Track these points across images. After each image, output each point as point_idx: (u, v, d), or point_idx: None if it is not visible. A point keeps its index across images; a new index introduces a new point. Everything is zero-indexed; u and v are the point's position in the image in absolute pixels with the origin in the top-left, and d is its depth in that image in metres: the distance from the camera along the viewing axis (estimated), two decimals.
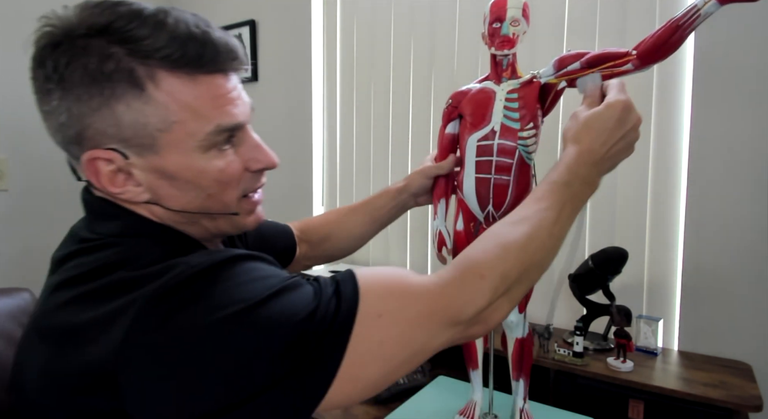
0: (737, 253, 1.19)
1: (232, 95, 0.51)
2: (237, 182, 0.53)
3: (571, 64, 0.74)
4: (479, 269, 0.52)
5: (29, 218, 1.91)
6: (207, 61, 0.48)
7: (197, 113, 0.48)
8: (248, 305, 0.43)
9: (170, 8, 0.48)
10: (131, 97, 0.45)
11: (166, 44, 0.45)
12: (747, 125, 1.17)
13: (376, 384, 0.47)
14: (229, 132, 0.51)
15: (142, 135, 0.47)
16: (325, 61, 1.95)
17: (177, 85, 0.47)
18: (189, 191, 0.51)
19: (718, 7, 0.60)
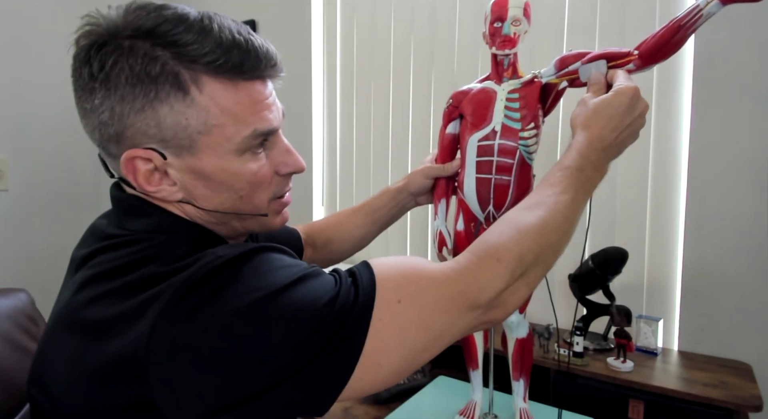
0: (737, 253, 1.19)
1: (269, 101, 0.53)
2: (268, 185, 0.55)
3: (573, 64, 0.74)
4: (496, 253, 0.53)
5: (29, 218, 1.90)
6: (249, 68, 0.49)
7: (236, 118, 0.49)
8: (272, 290, 0.44)
9: (214, 14, 0.49)
10: (174, 99, 0.47)
11: (211, 50, 0.47)
12: (747, 124, 1.17)
13: (399, 369, 0.47)
14: (264, 136, 0.53)
15: (182, 137, 0.48)
16: (325, 61, 1.95)
17: (219, 90, 0.48)
18: (222, 192, 0.52)
19: (720, 8, 0.60)
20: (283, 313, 0.43)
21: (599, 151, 0.63)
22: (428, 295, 0.49)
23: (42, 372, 0.50)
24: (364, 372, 0.45)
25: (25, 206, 1.89)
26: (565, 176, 0.62)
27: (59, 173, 2.00)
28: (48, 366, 0.50)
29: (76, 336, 0.46)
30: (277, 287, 0.44)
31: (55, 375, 0.48)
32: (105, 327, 0.44)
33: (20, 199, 1.88)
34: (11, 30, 1.84)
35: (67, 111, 2.20)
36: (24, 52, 1.88)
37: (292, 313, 0.44)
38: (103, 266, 0.48)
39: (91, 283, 0.48)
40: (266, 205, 0.56)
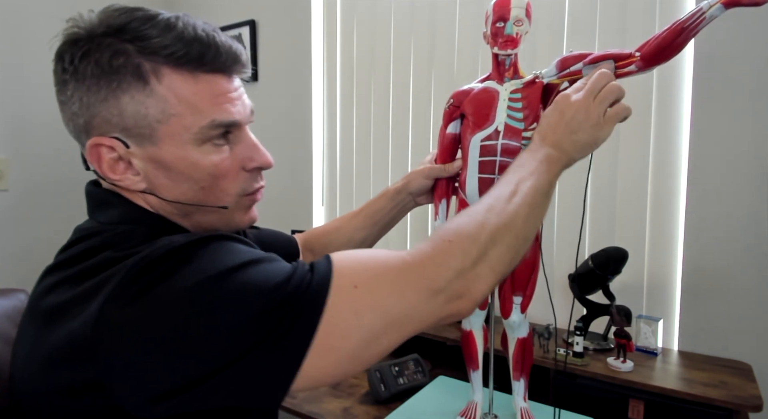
0: (737, 253, 1.19)
1: (232, 95, 0.54)
2: (233, 179, 0.55)
3: (574, 65, 0.74)
4: (448, 235, 0.54)
5: (29, 218, 1.90)
6: (208, 61, 0.51)
7: (195, 108, 0.51)
8: (220, 271, 0.44)
9: (183, 15, 0.52)
10: (135, 89, 0.50)
11: (171, 43, 0.50)
12: (747, 124, 1.17)
13: (355, 356, 0.46)
14: (224, 128, 0.53)
15: (142, 125, 0.51)
16: (325, 61, 1.95)
17: (178, 81, 0.50)
18: (183, 183, 0.53)
19: (723, 11, 0.61)
20: (230, 294, 0.43)
21: (552, 138, 0.66)
22: (384, 279, 0.49)
23: (13, 370, 0.52)
24: (317, 357, 0.44)
25: (25, 206, 1.89)
26: (518, 161, 0.65)
27: (59, 173, 1.99)
28: (16, 360, 0.51)
29: (36, 325, 0.48)
30: (226, 268, 0.44)
31: (20, 367, 0.49)
32: (60, 311, 0.45)
33: (20, 199, 1.88)
34: (11, 30, 1.84)
35: None
36: (24, 52, 1.88)
37: (240, 294, 0.43)
38: (63, 256, 0.51)
39: (51, 273, 0.50)
40: (233, 199, 0.56)
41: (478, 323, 0.90)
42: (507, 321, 0.86)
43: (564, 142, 0.66)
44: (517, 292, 0.84)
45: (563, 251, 1.43)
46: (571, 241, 1.40)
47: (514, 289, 0.84)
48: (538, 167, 0.63)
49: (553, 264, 1.43)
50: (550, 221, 1.43)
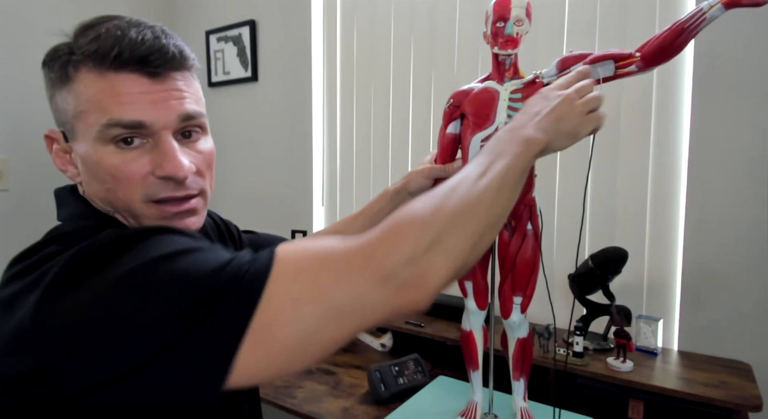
0: (737, 253, 1.19)
1: (143, 95, 0.52)
2: (138, 184, 0.53)
3: (574, 65, 0.74)
4: (399, 220, 0.49)
5: (29, 218, 1.90)
6: (113, 58, 0.51)
7: (98, 106, 0.51)
8: (152, 258, 0.43)
9: (129, 20, 0.54)
10: (62, 86, 0.53)
11: (88, 42, 0.51)
12: (747, 125, 1.17)
13: (294, 349, 0.43)
14: (124, 128, 0.51)
15: (65, 120, 0.54)
16: (325, 61, 1.95)
17: (89, 79, 0.52)
18: (93, 181, 0.54)
19: (723, 11, 0.61)
20: (160, 281, 0.42)
21: (535, 119, 0.64)
22: (328, 266, 0.45)
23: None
24: (253, 348, 0.41)
25: (25, 206, 1.89)
26: (495, 140, 0.62)
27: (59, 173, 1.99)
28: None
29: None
30: (158, 256, 0.43)
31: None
32: (10, 303, 0.46)
33: (20, 199, 1.88)
34: (11, 30, 1.84)
35: None
36: (24, 52, 1.88)
37: (169, 281, 0.42)
38: (22, 251, 0.51)
39: (11, 266, 0.50)
40: (138, 206, 0.54)
41: (478, 323, 0.90)
42: (507, 321, 0.86)
43: (547, 126, 0.63)
44: (517, 292, 0.84)
45: (563, 251, 1.43)
46: (571, 241, 1.41)
47: (514, 289, 0.84)
48: (516, 148, 0.59)
49: (553, 264, 1.43)
50: (550, 221, 1.44)
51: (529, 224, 0.82)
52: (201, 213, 0.60)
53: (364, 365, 1.35)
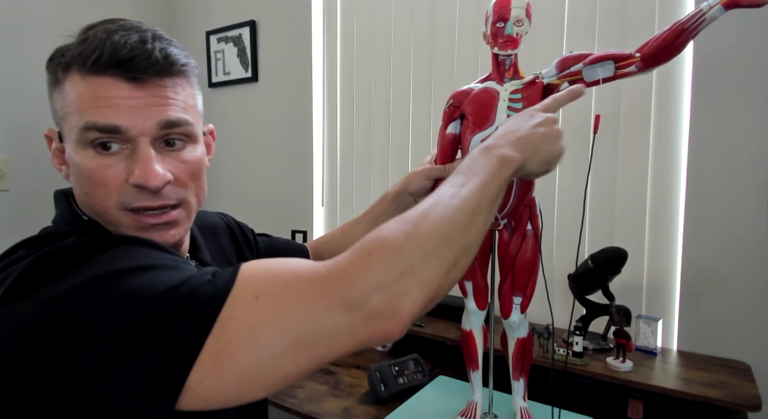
0: (737, 253, 1.19)
1: (123, 100, 0.51)
2: (113, 190, 0.52)
3: (574, 66, 0.74)
4: (368, 245, 0.46)
5: (30, 218, 1.90)
6: (92, 61, 0.50)
7: (78, 109, 0.51)
8: (105, 274, 0.42)
9: (123, 23, 0.54)
10: (55, 88, 0.54)
11: (75, 45, 0.52)
12: (747, 125, 1.17)
13: (250, 377, 0.41)
14: (99, 131, 0.50)
15: (57, 121, 0.55)
16: (325, 61, 1.95)
17: (74, 82, 0.52)
18: (77, 184, 0.54)
19: (722, 12, 0.62)
20: (110, 298, 0.40)
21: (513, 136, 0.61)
22: (292, 291, 0.43)
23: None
24: (204, 373, 0.40)
25: (25, 206, 1.89)
26: (469, 159, 0.59)
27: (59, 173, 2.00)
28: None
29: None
30: (113, 271, 0.42)
31: None
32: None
33: (21, 199, 1.88)
34: (12, 30, 1.84)
35: None
36: (24, 52, 1.88)
37: (120, 299, 0.40)
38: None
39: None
40: (114, 213, 0.53)
41: (478, 323, 0.91)
42: (507, 321, 0.87)
43: (524, 146, 0.60)
44: (517, 292, 0.84)
45: (563, 251, 1.43)
46: (571, 241, 1.41)
47: (514, 289, 0.84)
48: (490, 168, 0.56)
49: (552, 264, 1.44)
50: (550, 221, 1.44)
51: (529, 224, 0.82)
52: (182, 225, 0.58)
53: (364, 365, 1.35)
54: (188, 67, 0.56)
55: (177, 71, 0.54)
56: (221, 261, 0.75)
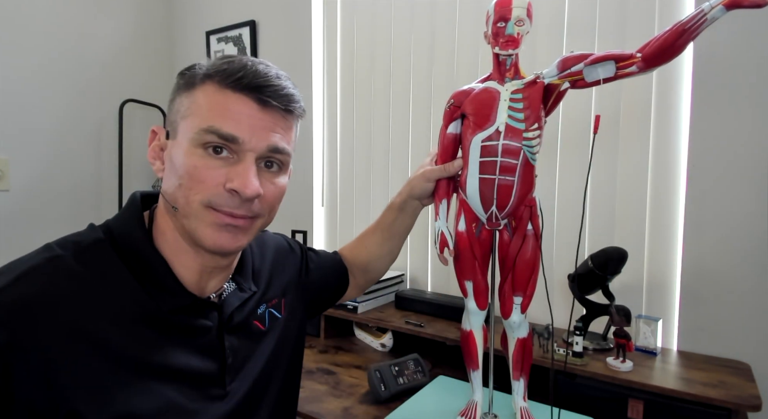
0: (737, 253, 1.19)
1: (248, 118, 0.58)
2: (205, 188, 0.57)
3: (575, 66, 0.74)
4: None
5: (30, 218, 1.90)
6: (235, 79, 0.57)
7: (206, 113, 0.57)
8: None
9: (263, 61, 0.61)
10: (185, 92, 0.60)
11: (221, 63, 0.59)
12: (747, 124, 1.18)
13: None
14: (218, 137, 0.57)
15: (173, 119, 0.60)
16: (325, 61, 1.95)
17: (209, 90, 0.58)
18: (172, 176, 0.59)
19: (724, 12, 0.62)
20: None
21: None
22: None
23: None
24: None
25: (26, 206, 1.89)
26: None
27: (59, 173, 2.00)
28: None
29: None
30: None
31: None
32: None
33: (21, 199, 1.88)
34: (12, 30, 1.84)
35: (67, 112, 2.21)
36: (25, 53, 1.87)
37: None
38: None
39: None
40: (196, 207, 0.58)
41: (478, 323, 0.90)
42: (507, 321, 0.86)
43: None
44: (517, 292, 0.84)
45: (563, 251, 1.43)
46: (571, 241, 1.41)
47: (514, 289, 0.84)
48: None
49: (552, 264, 1.44)
50: (550, 221, 1.44)
51: (530, 224, 0.82)
52: (247, 237, 0.63)
53: (364, 365, 1.35)
54: (303, 113, 0.65)
55: (294, 111, 0.63)
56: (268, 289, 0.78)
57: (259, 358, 0.72)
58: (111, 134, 2.19)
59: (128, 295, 0.57)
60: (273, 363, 0.75)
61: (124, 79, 2.25)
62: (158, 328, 0.58)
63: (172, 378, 0.58)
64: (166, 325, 0.59)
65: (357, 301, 1.52)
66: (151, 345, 0.57)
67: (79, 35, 2.03)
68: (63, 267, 0.54)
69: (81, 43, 2.05)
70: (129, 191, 2.26)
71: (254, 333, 0.72)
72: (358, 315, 1.51)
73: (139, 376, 0.55)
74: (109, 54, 2.17)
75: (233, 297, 0.69)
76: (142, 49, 2.31)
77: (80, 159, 2.07)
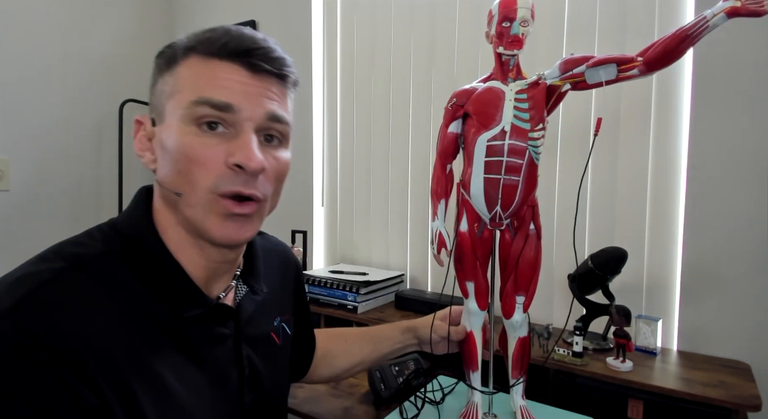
0: (736, 253, 1.19)
1: (240, 84, 0.53)
2: (207, 170, 0.52)
3: (577, 68, 0.74)
4: None
5: (30, 218, 1.90)
6: (219, 46, 0.53)
7: (193, 86, 0.53)
8: None
9: (241, 28, 0.56)
10: (166, 71, 0.55)
11: (203, 33, 0.55)
12: (746, 124, 1.18)
13: None
14: (213, 108, 0.52)
15: (158, 103, 0.55)
16: (325, 61, 1.95)
17: (193, 63, 0.54)
18: (168, 163, 0.54)
19: (725, 20, 0.64)
20: None
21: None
22: None
23: None
24: None
25: (26, 206, 1.89)
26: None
27: (59, 173, 2.00)
28: None
29: None
30: None
31: None
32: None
33: (21, 199, 1.88)
34: (12, 30, 1.83)
35: (67, 112, 2.21)
36: (25, 52, 1.87)
37: None
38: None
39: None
40: (203, 194, 0.53)
41: (478, 323, 0.90)
42: (509, 320, 0.86)
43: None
44: (519, 292, 0.84)
45: (563, 251, 1.43)
46: (571, 241, 1.41)
47: (516, 289, 0.84)
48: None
49: (553, 264, 1.44)
50: (550, 221, 1.44)
51: (532, 224, 0.82)
52: (254, 224, 0.58)
53: None
54: (297, 81, 0.61)
55: (287, 78, 0.58)
56: (279, 300, 0.76)
57: (272, 373, 0.69)
58: (111, 133, 2.19)
59: (142, 307, 0.53)
60: (282, 380, 0.74)
61: (124, 79, 2.24)
62: (175, 338, 0.55)
63: (191, 389, 0.55)
64: (183, 334, 0.56)
65: (357, 301, 1.52)
66: (169, 357, 0.54)
67: (79, 35, 2.03)
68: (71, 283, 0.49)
69: (81, 43, 2.05)
70: (129, 190, 2.26)
71: (270, 346, 0.70)
72: (358, 314, 1.51)
73: (156, 389, 0.51)
74: (109, 54, 2.16)
75: (248, 302, 0.66)
76: (142, 49, 2.31)
77: (80, 159, 2.07)
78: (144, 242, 0.56)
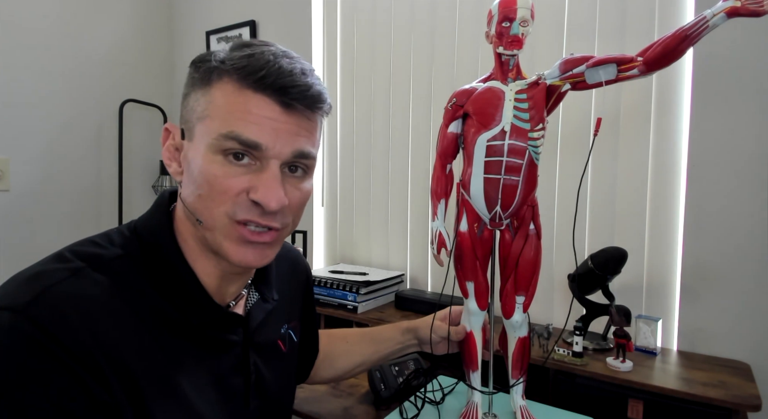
0: (737, 253, 1.19)
1: (270, 121, 0.53)
2: (227, 198, 0.53)
3: (577, 68, 0.74)
4: None
5: (30, 218, 1.90)
6: (257, 78, 0.52)
7: (224, 116, 0.53)
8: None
9: (283, 50, 0.56)
10: (200, 88, 0.55)
11: (240, 57, 0.53)
12: (746, 124, 1.18)
13: None
14: (239, 143, 0.52)
15: (189, 119, 0.56)
16: (325, 62, 1.95)
17: (227, 90, 0.53)
18: (190, 183, 0.55)
19: (725, 20, 0.64)
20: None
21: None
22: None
23: None
24: None
25: (26, 206, 1.89)
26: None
27: (59, 173, 2.00)
28: None
29: None
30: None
31: None
32: None
33: (21, 199, 1.88)
34: (12, 30, 1.84)
35: (67, 112, 2.21)
36: (24, 52, 1.87)
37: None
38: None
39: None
40: (220, 220, 0.54)
41: (478, 323, 0.90)
42: (509, 320, 0.86)
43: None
44: (519, 292, 0.84)
45: (563, 251, 1.43)
46: (571, 241, 1.41)
47: (517, 289, 0.84)
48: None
49: (553, 264, 1.44)
50: (550, 221, 1.44)
51: (532, 224, 0.82)
52: (274, 249, 0.59)
53: None
54: (329, 109, 0.61)
55: (321, 109, 0.58)
56: (287, 306, 0.77)
57: (277, 380, 0.70)
58: (111, 134, 2.19)
59: (153, 310, 0.53)
60: (287, 387, 0.74)
61: (124, 79, 2.25)
62: (184, 342, 0.56)
63: (198, 393, 0.56)
64: (192, 340, 0.57)
65: (357, 301, 1.52)
66: (177, 360, 0.55)
67: (79, 35, 2.03)
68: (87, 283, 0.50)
69: (81, 43, 2.05)
70: (129, 191, 2.26)
71: (277, 353, 0.71)
72: (358, 314, 1.51)
73: (164, 391, 0.52)
74: (109, 54, 2.17)
75: (258, 310, 0.67)
76: (142, 49, 2.31)
77: (80, 159, 2.07)
78: (162, 250, 0.57)
